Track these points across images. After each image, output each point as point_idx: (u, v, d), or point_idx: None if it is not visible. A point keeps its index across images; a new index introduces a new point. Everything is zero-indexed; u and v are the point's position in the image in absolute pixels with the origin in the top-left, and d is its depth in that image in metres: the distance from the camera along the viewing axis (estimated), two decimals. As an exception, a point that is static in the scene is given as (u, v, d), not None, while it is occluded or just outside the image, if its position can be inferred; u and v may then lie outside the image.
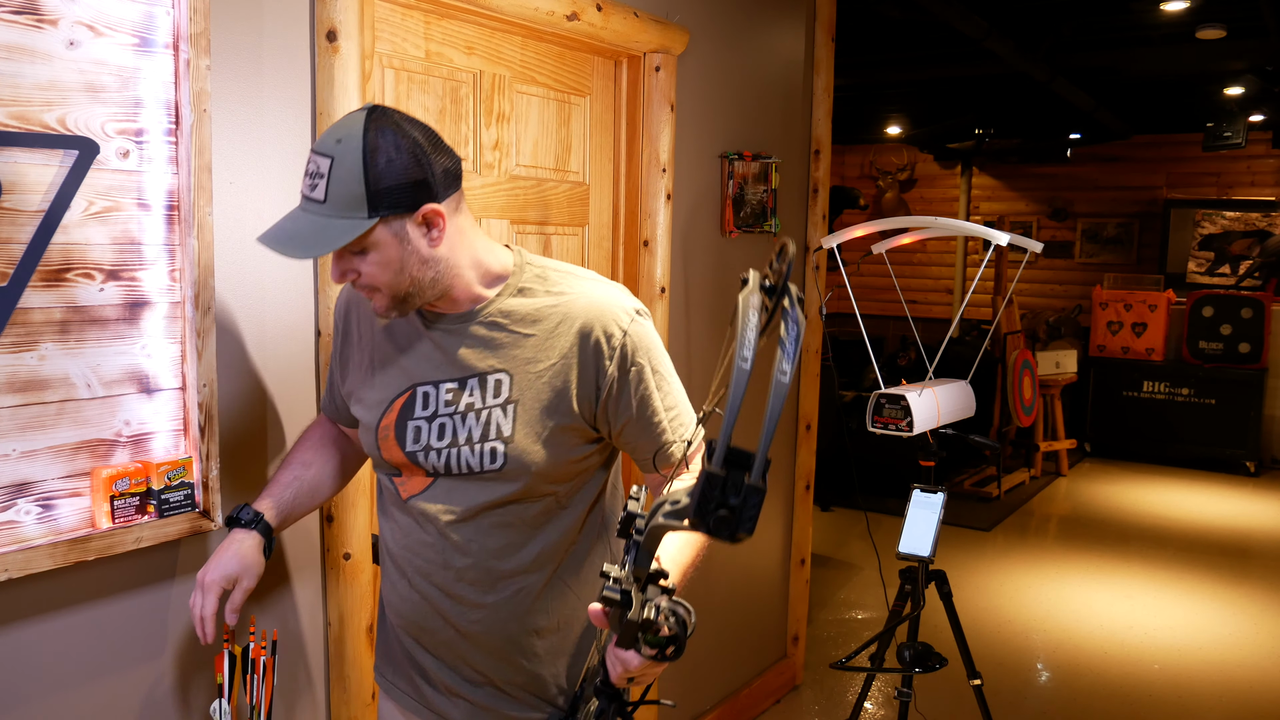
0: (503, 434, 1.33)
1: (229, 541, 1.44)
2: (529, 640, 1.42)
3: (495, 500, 1.35)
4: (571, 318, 1.34)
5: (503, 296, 1.36)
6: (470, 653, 1.42)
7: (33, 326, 1.39)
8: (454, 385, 1.36)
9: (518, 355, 1.34)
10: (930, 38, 5.46)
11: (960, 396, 2.79)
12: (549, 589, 1.41)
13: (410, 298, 1.30)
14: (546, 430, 1.33)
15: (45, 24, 1.37)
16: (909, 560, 2.59)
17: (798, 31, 3.27)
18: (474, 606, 1.39)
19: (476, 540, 1.37)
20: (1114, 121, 7.44)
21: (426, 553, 1.40)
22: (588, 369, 1.33)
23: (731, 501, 0.84)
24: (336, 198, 1.20)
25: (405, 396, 1.38)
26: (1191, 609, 4.51)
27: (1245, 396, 7.04)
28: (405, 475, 1.41)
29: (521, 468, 1.33)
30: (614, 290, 1.39)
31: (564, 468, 1.36)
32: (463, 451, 1.34)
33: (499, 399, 1.34)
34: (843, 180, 9.47)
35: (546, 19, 2.19)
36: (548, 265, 1.41)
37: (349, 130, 1.21)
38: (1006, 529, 5.73)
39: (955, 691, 3.33)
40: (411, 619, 1.44)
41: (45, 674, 1.48)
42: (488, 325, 1.36)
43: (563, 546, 1.41)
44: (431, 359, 1.37)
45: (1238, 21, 5.01)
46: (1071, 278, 8.69)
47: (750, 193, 3.04)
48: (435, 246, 1.28)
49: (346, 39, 1.77)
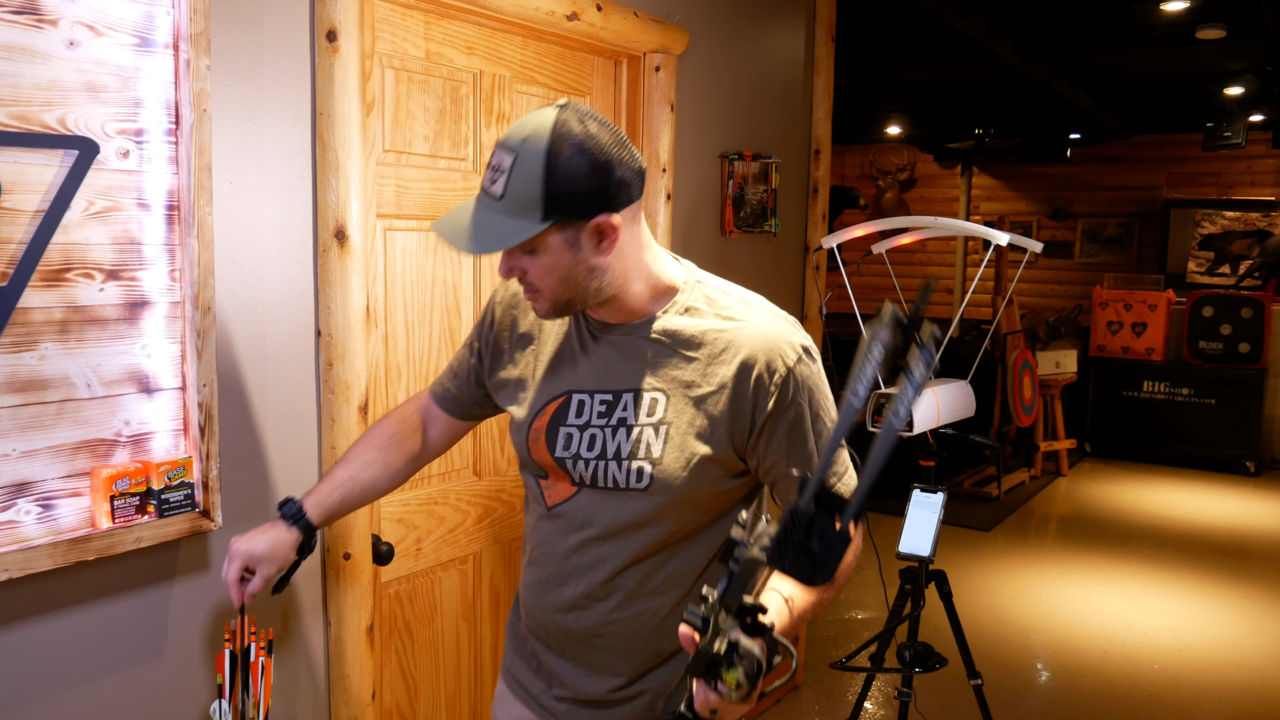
0: (651, 454, 1.31)
1: (270, 525, 1.44)
2: (648, 662, 1.40)
3: (635, 520, 1.33)
4: (736, 347, 1.30)
5: (669, 314, 1.34)
6: (589, 667, 1.41)
7: (33, 326, 1.39)
8: (609, 398, 1.34)
9: (677, 377, 1.32)
10: (930, 38, 5.46)
11: (960, 396, 2.79)
12: (675, 614, 1.38)
13: (572, 303, 1.29)
14: (696, 457, 1.30)
15: (45, 24, 1.37)
16: (909, 560, 2.59)
17: (798, 31, 3.27)
18: (601, 621, 1.37)
19: (611, 558, 1.35)
20: (1114, 121, 7.44)
21: (561, 563, 1.38)
22: (745, 401, 1.29)
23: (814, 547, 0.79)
24: (514, 196, 1.19)
25: (560, 401, 1.37)
26: (1191, 609, 4.51)
27: (1245, 396, 7.04)
28: (551, 480, 1.40)
29: (665, 491, 1.30)
30: (785, 324, 1.35)
31: (707, 497, 1.34)
32: (610, 466, 1.33)
33: (652, 418, 1.32)
34: (843, 180, 9.47)
35: (546, 19, 2.19)
36: (719, 287, 1.38)
37: (536, 129, 1.19)
38: (1006, 529, 5.73)
39: (955, 691, 3.33)
40: (539, 620, 1.44)
41: (45, 674, 1.48)
42: (651, 342, 1.33)
43: (694, 573, 1.38)
44: (591, 368, 1.36)
45: (1238, 21, 5.01)
46: (1071, 278, 8.68)
47: (750, 193, 3.04)
48: (605, 256, 1.25)
49: (346, 39, 1.77)
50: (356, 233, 1.82)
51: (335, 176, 1.79)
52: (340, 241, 1.81)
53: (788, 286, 3.39)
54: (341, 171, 1.79)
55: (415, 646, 2.18)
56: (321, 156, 1.78)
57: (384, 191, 2.00)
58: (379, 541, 1.99)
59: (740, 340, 1.31)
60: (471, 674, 2.34)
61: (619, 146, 1.22)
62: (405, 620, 2.15)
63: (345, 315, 1.83)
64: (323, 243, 1.80)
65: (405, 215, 2.04)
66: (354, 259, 1.83)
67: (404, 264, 2.07)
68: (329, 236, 1.80)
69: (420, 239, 2.09)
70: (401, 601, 2.14)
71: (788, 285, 3.39)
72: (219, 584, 1.69)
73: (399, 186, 2.02)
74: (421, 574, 2.18)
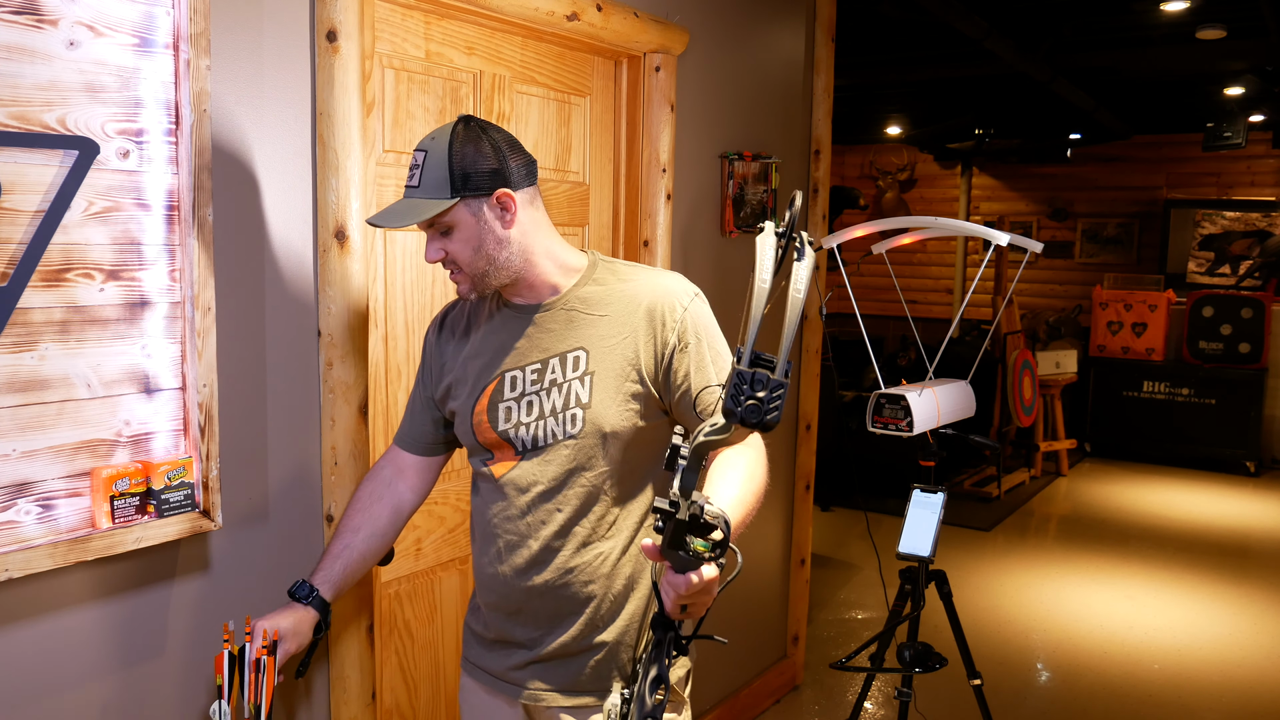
0: (581, 401, 1.50)
1: (287, 607, 1.59)
2: (608, 605, 1.54)
3: (575, 464, 1.50)
4: (639, 298, 1.52)
5: (579, 286, 1.55)
6: (555, 618, 1.55)
7: (33, 326, 1.39)
8: (538, 366, 1.53)
9: (592, 334, 1.52)
10: (930, 38, 5.45)
11: (960, 396, 2.78)
12: (626, 556, 1.55)
13: (487, 276, 1.50)
14: (620, 395, 1.49)
15: (45, 24, 1.37)
16: (909, 560, 2.59)
17: (798, 32, 3.27)
18: (560, 570, 1.53)
19: (561, 507, 1.52)
20: (1114, 121, 7.44)
21: (516, 525, 1.54)
22: (653, 340, 1.50)
23: (759, 394, 0.98)
24: (428, 183, 1.44)
25: (495, 383, 1.55)
26: (1191, 609, 4.51)
27: (1245, 396, 7.04)
28: (497, 456, 1.57)
29: (597, 429, 1.49)
30: (676, 277, 1.58)
31: (636, 434, 1.51)
32: (548, 422, 1.51)
33: (578, 372, 1.51)
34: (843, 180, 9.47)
35: (546, 19, 2.19)
36: (617, 262, 1.60)
37: (442, 130, 1.46)
38: (1006, 529, 5.73)
39: (955, 691, 3.33)
40: (500, 593, 1.58)
41: (45, 674, 1.48)
42: (566, 310, 1.54)
43: (638, 518, 1.56)
44: (518, 346, 1.55)
45: (1238, 21, 5.01)
46: (1071, 278, 8.68)
47: (750, 193, 3.04)
48: (508, 228, 1.47)
49: (346, 39, 1.77)
50: (356, 233, 1.82)
51: (335, 176, 1.79)
52: (340, 241, 1.81)
53: (788, 286, 3.39)
54: (341, 171, 1.79)
55: (415, 646, 2.18)
56: (321, 156, 1.78)
57: (384, 191, 2.00)
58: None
59: (641, 292, 1.53)
60: (471, 674, 2.34)
61: (510, 139, 1.49)
62: (405, 620, 2.15)
63: (345, 315, 1.83)
64: (323, 243, 1.80)
65: (405, 215, 2.04)
66: (354, 259, 1.83)
67: (404, 264, 2.07)
68: (329, 236, 1.80)
69: (420, 239, 2.09)
70: (401, 601, 2.14)
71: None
72: (219, 584, 1.70)
73: (399, 186, 2.02)
74: (421, 574, 2.18)
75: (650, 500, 1.56)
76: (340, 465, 1.85)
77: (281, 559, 1.79)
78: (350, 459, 1.86)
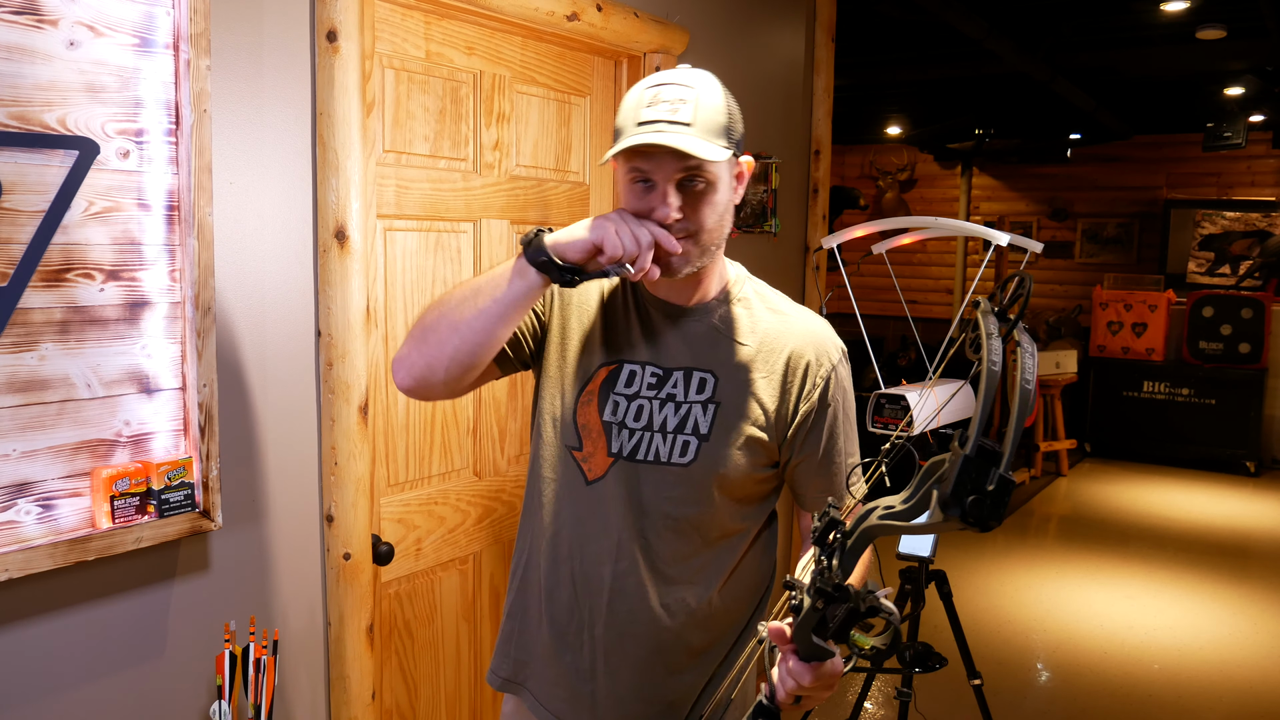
0: (699, 431, 1.34)
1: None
2: (679, 657, 1.40)
3: (677, 497, 1.35)
4: (786, 338, 1.37)
5: (725, 303, 1.40)
6: (617, 658, 1.39)
7: (33, 326, 1.39)
8: (659, 372, 1.37)
9: (728, 361, 1.36)
10: (930, 38, 5.45)
11: (960, 397, 2.79)
12: (706, 607, 1.39)
13: (709, 250, 1.31)
14: (742, 438, 1.34)
15: (45, 24, 1.37)
16: (909, 560, 2.59)
17: (798, 31, 3.27)
18: (632, 609, 1.37)
19: (652, 535, 1.36)
20: (1114, 121, 7.44)
21: (596, 545, 1.38)
22: (791, 391, 1.35)
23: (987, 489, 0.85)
24: (704, 123, 1.24)
25: (612, 368, 1.39)
26: (1191, 609, 4.51)
27: (1245, 396, 7.04)
28: (587, 450, 1.38)
29: (709, 468, 1.33)
30: (827, 326, 1.43)
31: (746, 483, 1.37)
32: (655, 439, 1.35)
33: (702, 396, 1.35)
34: (843, 180, 9.47)
35: (546, 19, 2.19)
36: (764, 285, 1.46)
37: (698, 74, 1.29)
38: (1006, 529, 5.73)
39: (955, 691, 3.33)
40: (567, 608, 1.42)
41: (45, 674, 1.48)
42: (706, 326, 1.38)
43: (726, 569, 1.40)
44: (646, 343, 1.39)
45: (1238, 21, 5.01)
46: (1071, 278, 8.68)
47: (750, 193, 3.04)
48: (737, 200, 1.34)
49: (346, 39, 1.77)
50: (356, 233, 1.82)
51: (335, 177, 1.79)
52: (340, 242, 1.81)
53: (788, 286, 3.39)
54: (341, 172, 1.79)
55: (415, 646, 2.18)
56: (321, 156, 1.78)
57: (384, 191, 2.00)
58: (379, 542, 1.99)
59: (790, 333, 1.38)
60: (471, 674, 2.34)
61: None
62: (405, 620, 2.15)
63: (345, 315, 1.83)
64: (323, 243, 1.80)
65: (405, 215, 2.04)
66: (354, 259, 1.83)
67: (404, 264, 2.07)
68: (329, 237, 1.80)
69: (420, 239, 2.09)
70: (401, 601, 2.14)
71: (788, 285, 3.39)
72: (219, 584, 1.70)
73: (399, 187, 2.02)
74: (421, 574, 2.18)
75: (740, 553, 1.41)
76: (340, 465, 1.85)
77: (281, 559, 1.79)
78: (350, 459, 1.86)
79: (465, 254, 2.20)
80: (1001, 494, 0.85)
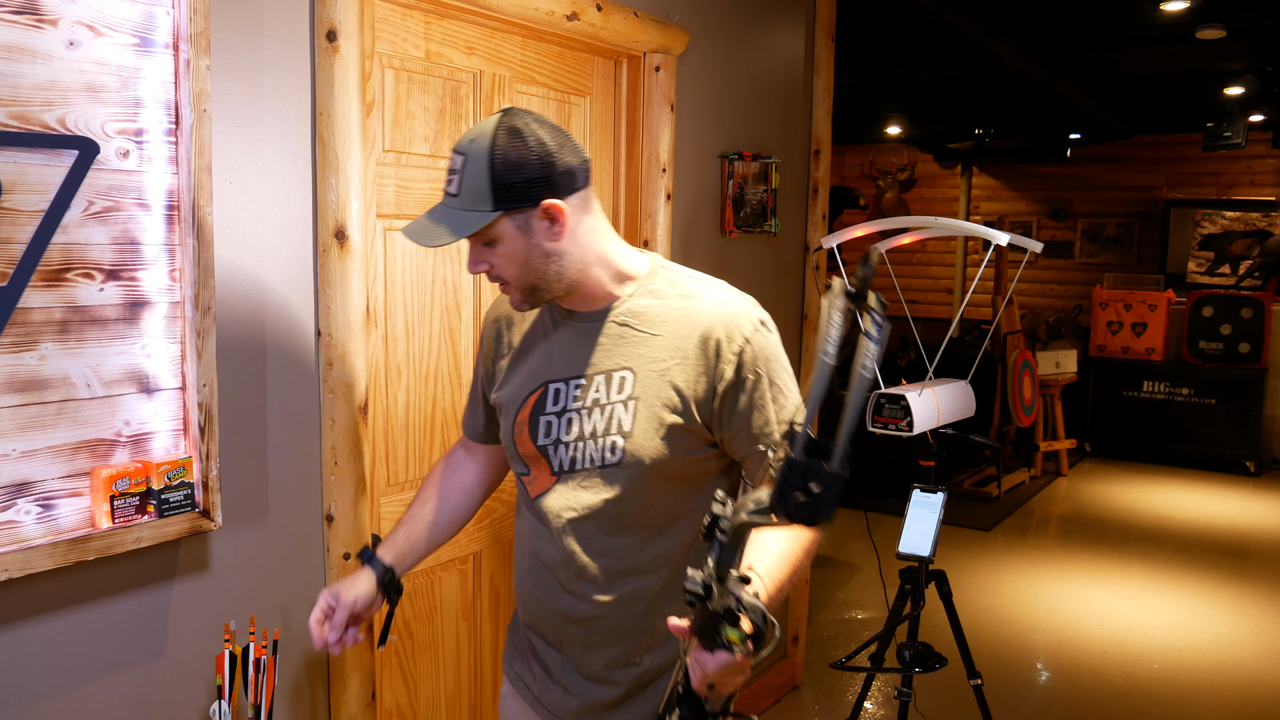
0: (623, 429, 1.38)
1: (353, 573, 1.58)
2: (644, 641, 1.46)
3: (613, 496, 1.39)
4: (696, 320, 1.38)
5: (634, 297, 1.42)
6: (586, 650, 1.47)
7: (33, 326, 1.39)
8: (582, 381, 1.42)
9: (643, 354, 1.39)
10: (930, 38, 5.45)
11: (960, 396, 2.78)
12: (666, 592, 1.44)
13: (538, 290, 1.37)
14: (664, 428, 1.37)
15: (45, 24, 1.37)
16: (909, 560, 2.59)
17: (798, 31, 3.27)
18: (592, 603, 1.44)
19: (596, 538, 1.42)
20: (1114, 121, 7.44)
21: (550, 550, 1.45)
22: (706, 371, 1.37)
23: (812, 488, 0.86)
24: (468, 192, 1.30)
25: (538, 393, 1.45)
26: (1191, 609, 4.51)
27: (1245, 396, 7.04)
28: (533, 473, 1.47)
29: (637, 462, 1.37)
30: (742, 299, 1.43)
31: (679, 466, 1.39)
32: (587, 445, 1.40)
33: (622, 395, 1.39)
34: (843, 180, 9.47)
35: (546, 19, 2.19)
36: (680, 271, 1.47)
37: (481, 130, 1.31)
38: (1006, 529, 5.73)
39: (955, 691, 3.33)
40: (536, 613, 1.51)
41: (45, 674, 1.48)
42: (618, 324, 1.41)
43: (680, 551, 1.44)
44: (565, 357, 1.44)
45: (1238, 21, 5.01)
46: (1071, 278, 8.68)
47: (750, 193, 3.04)
48: (558, 240, 1.34)
49: (346, 39, 1.77)
50: (356, 233, 1.82)
51: (335, 176, 1.79)
52: (340, 241, 1.81)
53: (788, 286, 3.39)
54: (341, 171, 1.79)
55: (415, 646, 2.18)
56: (321, 156, 1.78)
57: (384, 191, 2.00)
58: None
59: (700, 314, 1.39)
60: (471, 674, 2.34)
61: (559, 138, 1.33)
62: (405, 620, 2.15)
63: (345, 315, 1.83)
64: (323, 243, 1.80)
65: (405, 215, 2.04)
66: (354, 259, 1.83)
67: (404, 264, 2.07)
68: (329, 236, 1.80)
69: (420, 239, 2.09)
70: (401, 601, 2.14)
71: (788, 285, 3.39)
72: (219, 584, 1.70)
73: (399, 186, 2.02)
74: (421, 574, 2.18)
75: (694, 534, 1.44)
76: (340, 465, 1.85)
77: (281, 559, 1.79)
78: (350, 459, 1.86)
79: (464, 254, 2.20)
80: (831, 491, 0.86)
